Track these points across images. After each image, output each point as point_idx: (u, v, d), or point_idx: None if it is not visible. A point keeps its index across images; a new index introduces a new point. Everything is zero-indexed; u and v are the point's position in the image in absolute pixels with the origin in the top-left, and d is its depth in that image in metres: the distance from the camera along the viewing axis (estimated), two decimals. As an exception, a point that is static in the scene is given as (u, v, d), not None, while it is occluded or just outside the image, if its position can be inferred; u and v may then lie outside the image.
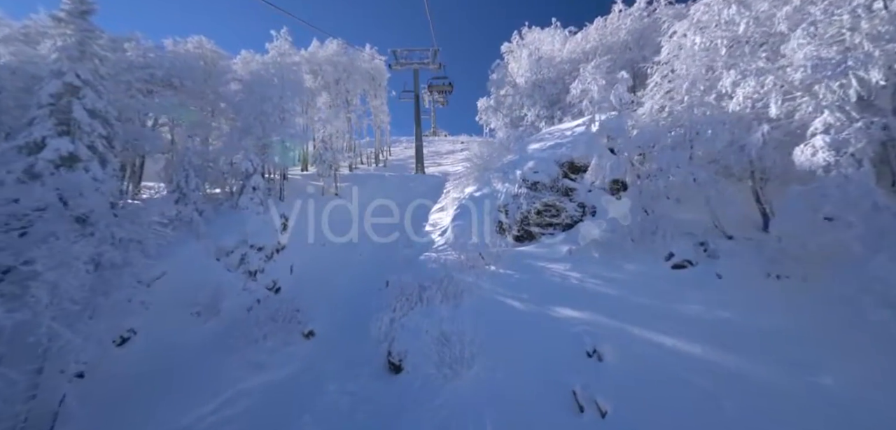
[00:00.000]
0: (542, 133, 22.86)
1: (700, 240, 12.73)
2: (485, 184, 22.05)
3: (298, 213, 22.84)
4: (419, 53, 34.12)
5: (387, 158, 48.76)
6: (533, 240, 18.40)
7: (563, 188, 18.58)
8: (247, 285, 16.41)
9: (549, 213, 18.52)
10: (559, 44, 27.75)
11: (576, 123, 21.38)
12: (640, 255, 13.70)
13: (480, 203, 21.00)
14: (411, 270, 18.29)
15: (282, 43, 27.60)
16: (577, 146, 19.11)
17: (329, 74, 35.18)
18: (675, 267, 12.65)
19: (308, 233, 22.07)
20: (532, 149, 21.21)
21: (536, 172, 19.34)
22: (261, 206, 19.62)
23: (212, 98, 23.82)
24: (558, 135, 21.15)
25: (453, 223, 20.80)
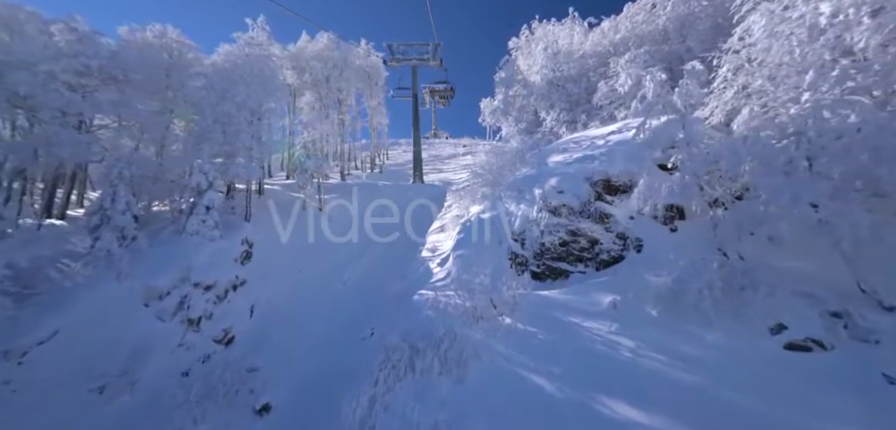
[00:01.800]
0: (564, 141, 18.57)
1: (832, 309, 8.40)
2: (494, 203, 17.76)
3: (269, 235, 18.55)
4: (418, 48, 29.92)
5: (384, 162, 44.52)
6: (558, 279, 14.16)
7: (596, 214, 14.29)
8: (185, 339, 12.15)
9: (578, 245, 14.26)
10: (579, 37, 23.43)
11: (608, 128, 17.08)
12: (725, 320, 9.42)
13: (489, 228, 16.74)
14: (402, 313, 14.17)
15: (258, 33, 23.37)
16: (613, 160, 14.81)
17: (318, 70, 30.93)
18: (791, 347, 8.36)
19: (280, 260, 17.80)
20: (553, 161, 16.92)
21: (561, 191, 15.07)
22: (216, 229, 15.35)
23: (170, 96, 19.53)
24: (586, 144, 16.84)
25: (455, 253, 16.53)
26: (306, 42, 33.78)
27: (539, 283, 14.25)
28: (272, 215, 20.50)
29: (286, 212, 21.84)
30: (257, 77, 19.65)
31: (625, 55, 18.05)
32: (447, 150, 55.25)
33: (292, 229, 20.42)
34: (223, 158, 18.18)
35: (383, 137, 45.46)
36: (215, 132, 16.98)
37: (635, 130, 15.19)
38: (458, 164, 43.81)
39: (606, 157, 15.06)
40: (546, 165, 17.09)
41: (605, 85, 18.75)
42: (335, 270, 18.88)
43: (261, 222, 19.08)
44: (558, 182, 15.36)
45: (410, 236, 22.02)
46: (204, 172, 15.70)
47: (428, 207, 25.78)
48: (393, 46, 30.01)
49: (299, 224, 21.25)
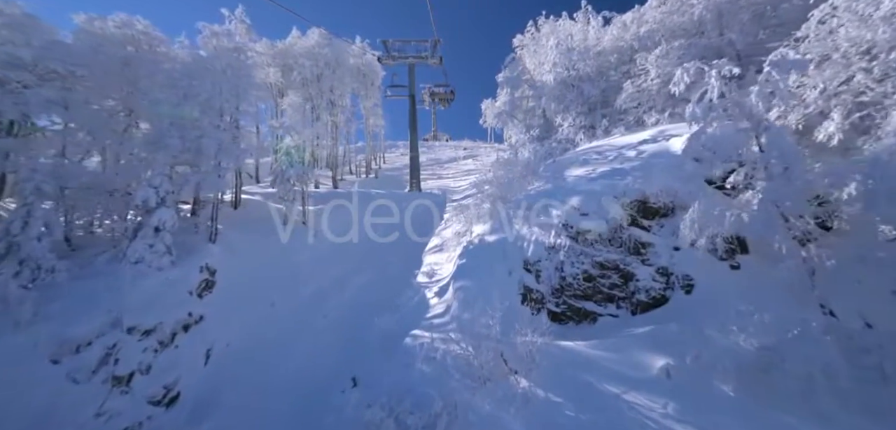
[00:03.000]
0: (583, 151, 15.67)
1: None
2: (502, 223, 14.84)
3: (239, 257, 15.60)
4: (416, 45, 27.01)
5: (380, 166, 41.64)
6: (583, 322, 11.28)
7: (630, 242, 11.39)
8: (105, 406, 9.20)
9: (608, 280, 11.36)
10: (595, 31, 20.48)
11: (638, 136, 14.17)
12: (853, 417, 6.47)
13: (496, 253, 13.86)
14: (391, 361, 11.41)
15: (236, 26, 20.43)
16: (650, 176, 11.89)
17: (308, 69, 27.96)
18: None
19: (250, 288, 14.86)
20: (573, 175, 14.01)
21: (585, 213, 12.17)
22: (167, 255, 12.40)
23: (125, 94, 16.56)
24: (613, 155, 13.93)
25: (456, 284, 13.66)
26: (296, 39, 30.82)
27: (559, 327, 11.34)
28: (244, 234, 17.55)
29: (264, 228, 18.90)
30: (228, 74, 16.69)
31: (655, 50, 15.12)
32: (447, 153, 52.30)
33: (269, 249, 17.47)
34: (188, 168, 15.24)
35: (380, 140, 42.63)
36: (171, 138, 14.03)
37: (677, 138, 12.29)
38: (459, 169, 40.88)
39: (641, 172, 12.13)
40: (564, 179, 14.17)
41: (631, 85, 15.82)
42: (316, 299, 15.95)
43: (231, 241, 16.12)
44: (581, 202, 12.46)
45: (406, 256, 19.10)
46: (154, 185, 12.76)
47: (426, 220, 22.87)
48: (388, 43, 27.11)
49: (278, 243, 18.30)
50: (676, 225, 11.05)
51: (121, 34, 17.86)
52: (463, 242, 17.04)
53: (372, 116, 37.55)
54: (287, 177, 19.73)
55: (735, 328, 8.11)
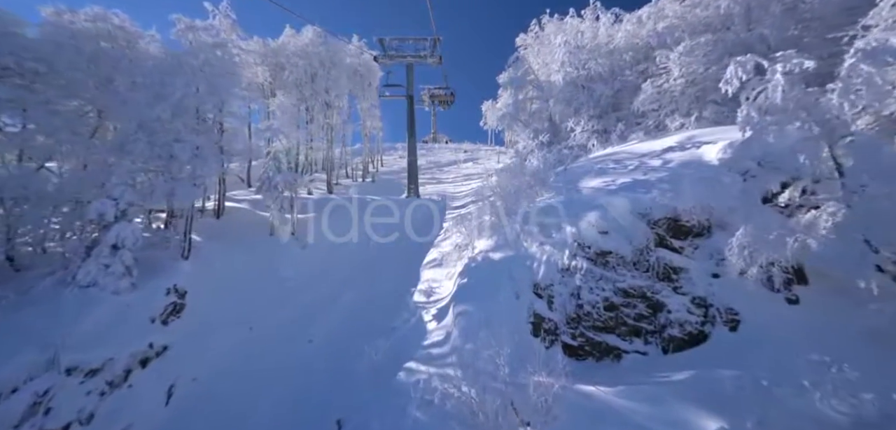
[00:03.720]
0: (598, 158, 13.93)
1: None
2: (508, 238, 13.10)
3: (216, 274, 13.85)
4: (414, 44, 25.23)
5: (378, 169, 39.92)
6: (605, 359, 9.57)
7: (658, 267, 9.65)
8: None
9: (634, 310, 9.63)
10: (606, 28, 18.72)
11: (663, 143, 12.45)
12: None
13: (502, 273, 12.14)
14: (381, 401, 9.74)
15: (220, 21, 18.70)
16: (680, 188, 10.14)
17: (301, 68, 26.18)
18: None
19: (227, 310, 13.12)
20: (589, 187, 12.27)
21: (604, 231, 10.43)
22: (126, 277, 10.63)
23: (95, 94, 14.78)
24: (633, 164, 12.20)
25: (457, 308, 11.93)
26: (290, 37, 29.07)
27: (577, 364, 9.62)
28: (227, 245, 15.80)
29: (249, 239, 17.15)
30: (207, 71, 14.93)
31: (677, 47, 13.40)
32: (447, 156, 50.56)
33: (252, 263, 15.71)
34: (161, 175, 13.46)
35: (378, 142, 40.86)
36: (137, 142, 12.24)
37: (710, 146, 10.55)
38: (459, 172, 39.14)
39: (669, 185, 10.39)
40: (577, 190, 12.42)
41: (650, 86, 14.11)
42: (301, 321, 14.18)
43: (208, 256, 14.37)
44: (599, 218, 10.70)
45: (403, 270, 17.34)
46: (113, 197, 10.98)
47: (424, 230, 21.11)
48: (385, 41, 25.33)
49: (263, 256, 16.56)
50: (714, 247, 9.34)
51: (93, 28, 16.09)
52: (464, 257, 15.30)
53: (369, 117, 35.80)
54: (274, 183, 17.96)
55: (808, 384, 6.37)
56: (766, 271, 7.33)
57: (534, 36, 28.73)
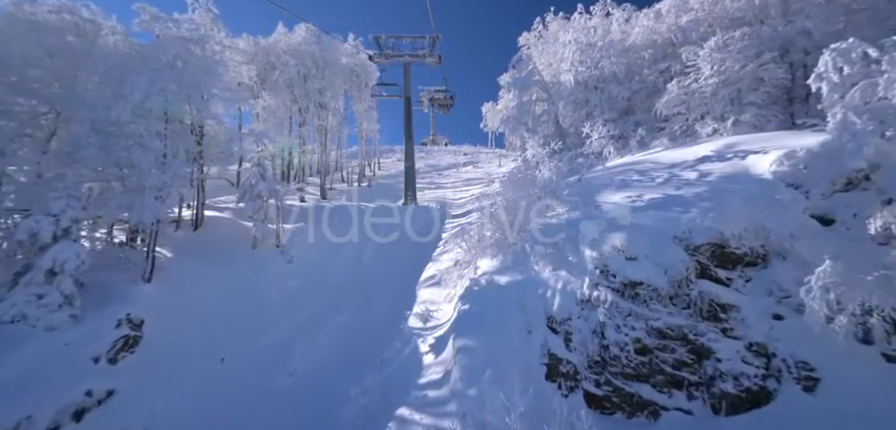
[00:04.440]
0: (618, 168, 12.08)
1: None
2: (515, 259, 11.25)
3: (186, 298, 11.99)
4: (411, 42, 23.36)
5: (375, 173, 38.00)
6: (638, 414, 7.72)
7: (702, 303, 7.81)
8: None
9: (672, 355, 7.81)
10: (619, 25, 16.84)
11: (697, 151, 10.62)
12: None
13: (509, 301, 10.28)
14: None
15: (200, 16, 16.83)
16: (725, 206, 8.31)
17: (292, 68, 24.29)
18: None
19: (194, 340, 11.22)
20: (610, 203, 10.43)
21: (632, 257, 8.63)
22: (66, 307, 8.75)
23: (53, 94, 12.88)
24: (662, 176, 10.37)
25: (458, 342, 10.05)
26: (282, 35, 27.20)
27: (603, 418, 7.85)
28: (203, 262, 13.93)
29: (228, 253, 15.29)
30: (179, 68, 13.09)
31: (708, 42, 11.57)
32: (446, 159, 48.65)
33: (230, 281, 13.85)
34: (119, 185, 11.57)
35: (375, 145, 38.95)
36: (88, 147, 10.36)
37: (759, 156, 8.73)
38: (459, 177, 37.19)
39: (711, 201, 8.55)
40: (596, 206, 10.57)
41: (676, 86, 12.28)
42: (282, 349, 12.30)
43: (177, 275, 12.50)
44: (626, 240, 8.87)
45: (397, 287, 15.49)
46: (52, 212, 9.09)
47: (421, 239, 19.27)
48: (381, 39, 23.45)
49: (243, 273, 14.70)
50: (772, 280, 7.53)
51: (58, 20, 14.20)
52: (465, 277, 13.40)
53: (366, 119, 33.91)
54: (257, 192, 16.10)
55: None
56: (862, 320, 5.51)
57: (537, 35, 26.93)
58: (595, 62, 15.02)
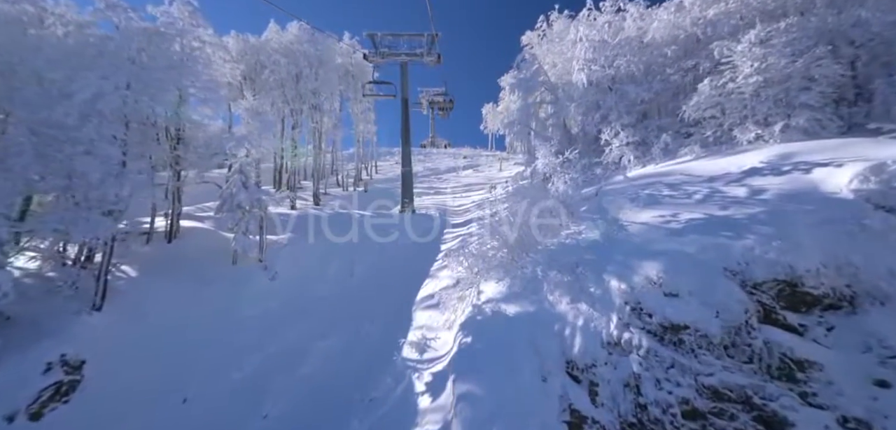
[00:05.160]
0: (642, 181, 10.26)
1: None
2: (525, 285, 9.46)
3: (144, 326, 10.15)
4: (408, 41, 21.50)
5: (371, 176, 36.17)
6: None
7: (769, 356, 5.96)
8: None
9: (732, 421, 5.91)
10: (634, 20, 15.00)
11: (740, 161, 8.84)
12: None
13: (519, 337, 8.49)
14: None
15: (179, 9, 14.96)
16: (791, 233, 6.50)
17: (283, 68, 22.47)
18: None
19: (150, 376, 9.38)
20: (637, 222, 8.63)
21: (673, 293, 6.82)
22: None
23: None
24: (700, 190, 8.57)
25: (459, 387, 8.26)
26: (274, 33, 25.38)
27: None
28: (173, 281, 12.09)
29: (204, 271, 13.46)
30: (144, 62, 11.25)
31: (747, 35, 9.78)
32: (445, 161, 46.83)
33: (202, 304, 12.01)
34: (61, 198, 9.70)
35: (372, 147, 37.14)
36: (21, 154, 8.53)
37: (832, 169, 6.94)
38: (459, 181, 35.34)
39: (771, 226, 6.74)
40: (620, 225, 8.74)
41: (709, 86, 10.47)
42: (258, 384, 10.46)
43: (136, 300, 10.66)
44: (663, 272, 7.06)
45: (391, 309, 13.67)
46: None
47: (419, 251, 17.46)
48: (376, 37, 21.59)
49: (219, 293, 12.88)
50: (868, 330, 5.73)
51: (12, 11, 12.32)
52: (466, 299, 11.59)
53: (362, 121, 32.14)
54: (237, 202, 14.26)
55: None
56: None
57: (540, 34, 25.11)
58: (609, 61, 13.23)
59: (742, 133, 9.84)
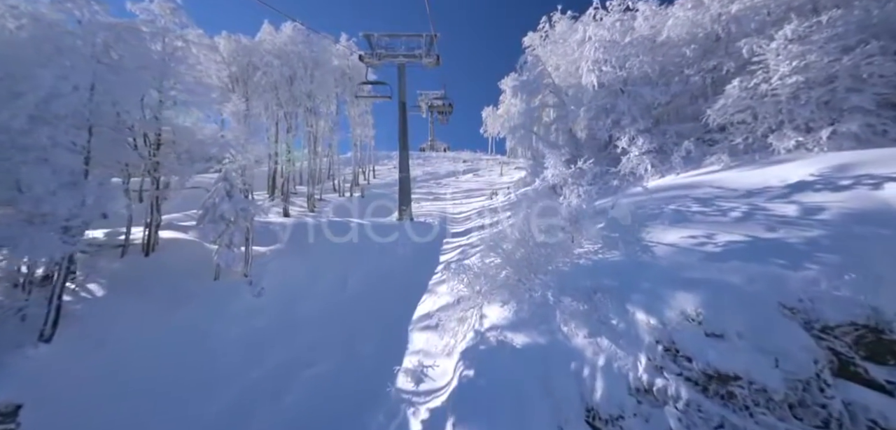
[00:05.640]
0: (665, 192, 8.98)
1: None
2: (533, 313, 8.17)
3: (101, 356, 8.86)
4: (407, 41, 20.24)
5: (369, 181, 34.91)
6: None
7: (850, 424, 4.60)
8: None
9: (799, 504, 4.56)
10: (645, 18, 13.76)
11: (785, 173, 7.54)
12: None
13: (528, 376, 7.21)
14: None
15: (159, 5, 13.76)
16: (870, 263, 5.20)
17: (276, 70, 21.22)
18: None
19: (103, 421, 8.05)
20: (664, 243, 7.35)
21: (717, 335, 5.50)
22: None
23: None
24: (737, 207, 7.30)
25: (460, 438, 6.85)
26: (268, 34, 24.15)
27: None
28: (144, 300, 10.79)
29: (181, 288, 12.16)
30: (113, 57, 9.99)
31: (783, 29, 8.54)
32: (445, 166, 45.58)
33: (176, 327, 10.71)
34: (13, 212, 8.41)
35: (370, 151, 35.89)
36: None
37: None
38: (459, 187, 34.06)
39: (838, 252, 5.48)
40: (644, 246, 7.46)
41: (738, 87, 9.21)
42: (233, 421, 9.12)
43: (98, 326, 9.36)
44: (701, 306, 5.78)
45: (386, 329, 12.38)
46: None
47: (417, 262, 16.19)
48: (372, 38, 20.33)
49: (198, 312, 11.58)
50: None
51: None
52: (467, 322, 10.32)
53: (360, 125, 30.94)
54: (220, 212, 12.98)
55: None
56: None
57: (542, 36, 23.94)
58: (621, 61, 11.98)
59: (779, 140, 8.58)
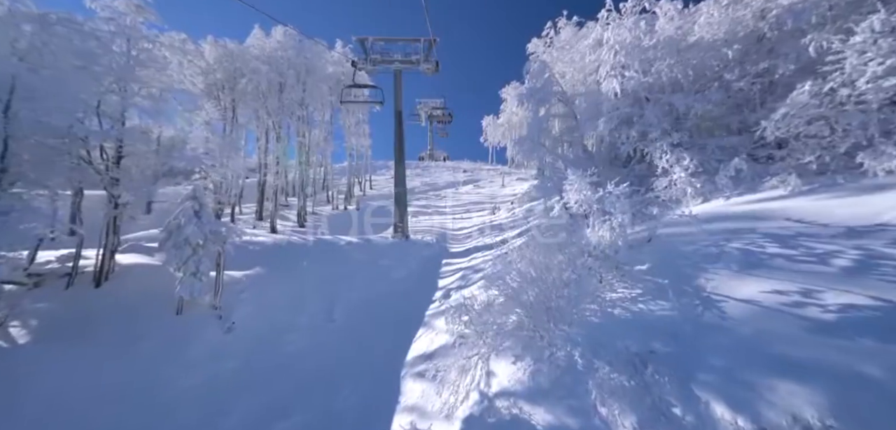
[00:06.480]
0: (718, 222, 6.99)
1: None
2: (556, 381, 6.06)
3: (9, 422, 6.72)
4: (404, 46, 18.39)
5: (365, 192, 32.97)
6: None
7: None
8: None
9: None
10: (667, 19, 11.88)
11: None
12: None
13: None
14: None
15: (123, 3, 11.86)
16: None
17: (263, 76, 19.29)
18: None
19: None
20: (736, 299, 5.31)
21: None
22: None
23: None
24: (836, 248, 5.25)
25: None
26: (258, 39, 22.28)
27: None
28: (85, 343, 8.73)
29: (134, 326, 10.10)
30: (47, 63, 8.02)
31: (868, 20, 6.66)
32: (444, 176, 43.67)
33: (115, 383, 8.62)
34: None
35: (366, 161, 33.94)
36: None
37: None
38: (459, 199, 32.07)
39: None
40: (702, 297, 5.46)
41: (808, 93, 7.27)
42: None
43: (8, 385, 7.25)
44: (828, 411, 3.74)
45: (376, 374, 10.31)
46: None
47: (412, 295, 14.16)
48: (367, 42, 18.47)
49: (152, 355, 9.48)
50: None
51: None
52: (469, 374, 8.30)
53: (355, 134, 29.02)
54: (184, 236, 10.92)
55: None
56: None
57: (546, 43, 22.21)
58: (646, 65, 10.11)
59: (873, 159, 6.68)
